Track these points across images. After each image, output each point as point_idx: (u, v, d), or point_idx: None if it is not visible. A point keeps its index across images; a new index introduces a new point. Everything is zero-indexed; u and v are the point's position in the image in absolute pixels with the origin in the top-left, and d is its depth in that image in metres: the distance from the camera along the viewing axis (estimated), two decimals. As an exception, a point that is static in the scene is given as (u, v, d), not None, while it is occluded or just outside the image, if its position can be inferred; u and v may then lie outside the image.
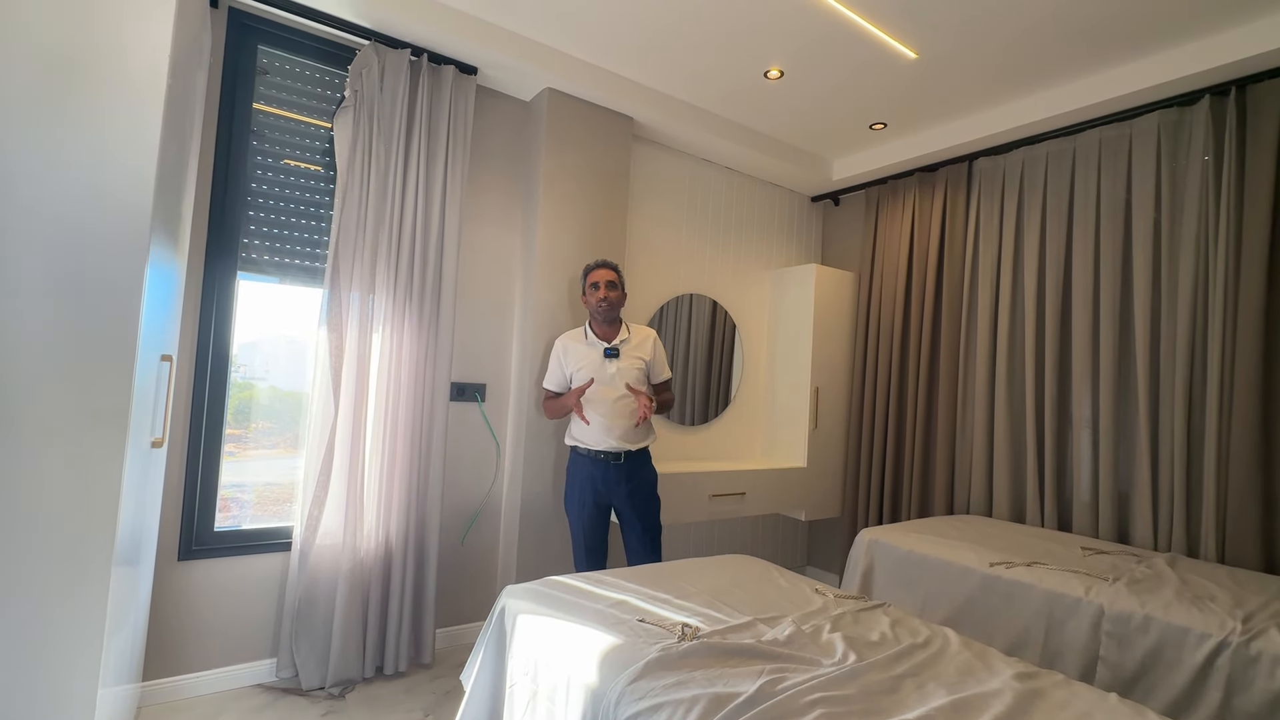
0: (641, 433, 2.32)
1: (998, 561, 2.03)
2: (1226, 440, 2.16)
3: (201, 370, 2.05)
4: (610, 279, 2.32)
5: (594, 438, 2.26)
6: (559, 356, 2.35)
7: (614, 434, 2.25)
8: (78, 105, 1.18)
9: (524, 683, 1.39)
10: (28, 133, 1.14)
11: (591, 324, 2.37)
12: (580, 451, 2.31)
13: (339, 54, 2.27)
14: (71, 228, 1.17)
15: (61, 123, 1.17)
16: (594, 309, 2.32)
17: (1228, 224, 2.19)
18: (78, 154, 1.18)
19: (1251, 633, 1.51)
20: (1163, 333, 2.37)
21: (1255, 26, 2.08)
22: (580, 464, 2.31)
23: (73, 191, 1.17)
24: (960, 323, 3.02)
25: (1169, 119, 2.38)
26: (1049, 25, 2.15)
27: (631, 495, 2.28)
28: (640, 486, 2.31)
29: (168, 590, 1.99)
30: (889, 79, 2.57)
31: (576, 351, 2.31)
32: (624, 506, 2.30)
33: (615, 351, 2.28)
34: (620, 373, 2.27)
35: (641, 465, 2.34)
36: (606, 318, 2.33)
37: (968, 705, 1.10)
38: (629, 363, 2.30)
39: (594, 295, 2.31)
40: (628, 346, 2.33)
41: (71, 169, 1.17)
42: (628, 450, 2.28)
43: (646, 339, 2.39)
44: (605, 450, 2.26)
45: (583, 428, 2.27)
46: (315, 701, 2.04)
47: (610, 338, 2.34)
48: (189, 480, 2.04)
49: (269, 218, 2.19)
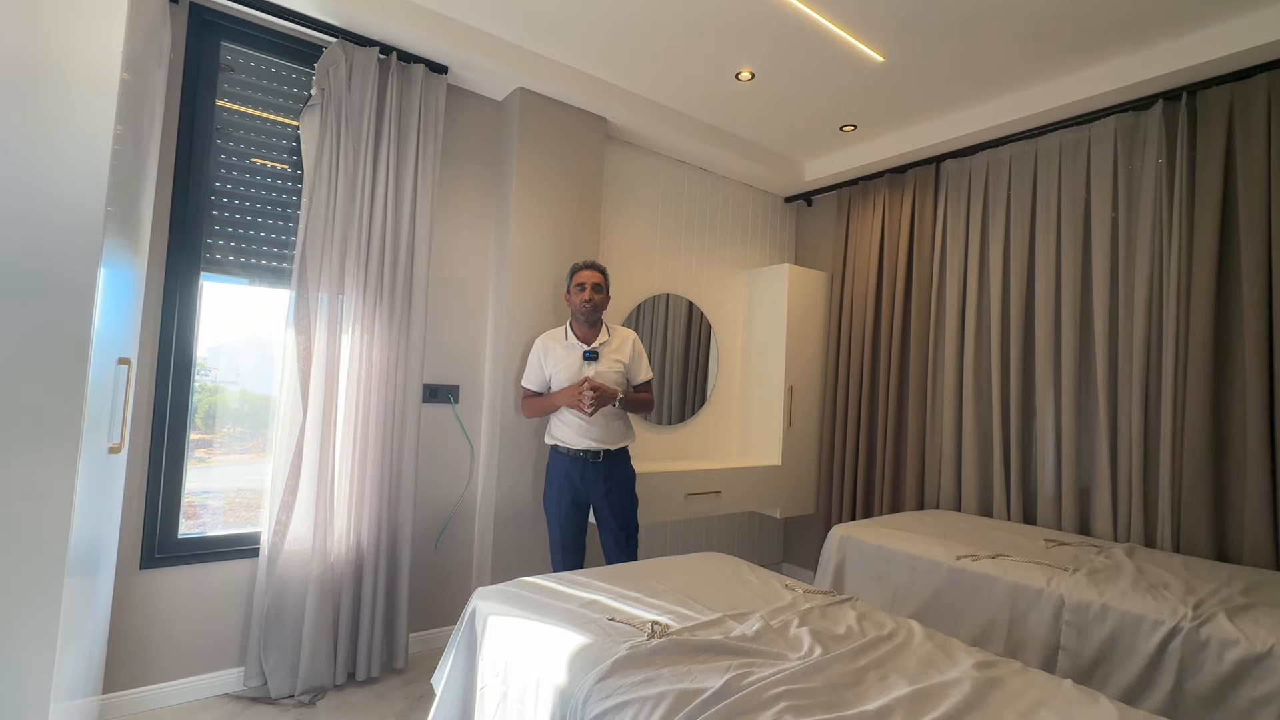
0: (620, 432, 2.34)
1: (964, 555, 2.08)
2: (1181, 435, 2.24)
3: (164, 374, 2.00)
4: (597, 281, 2.34)
5: (573, 437, 2.27)
6: (538, 356, 2.35)
7: (592, 434, 2.27)
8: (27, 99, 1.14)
9: (494, 684, 1.38)
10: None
11: (573, 324, 2.39)
12: (560, 450, 2.31)
13: (305, 51, 2.23)
14: (20, 226, 1.14)
15: (9, 116, 1.13)
16: (577, 309, 2.33)
17: (1180, 224, 2.27)
18: (26, 150, 1.14)
19: (1201, 618, 1.57)
20: (1120, 330, 2.45)
21: (1206, 34, 2.15)
22: (559, 463, 2.31)
23: (20, 189, 1.14)
24: (929, 321, 3.08)
25: (1125, 123, 2.46)
26: (1010, 32, 2.21)
27: (609, 494, 2.30)
28: (618, 485, 2.33)
29: (129, 600, 1.94)
30: (858, 82, 2.61)
31: (556, 353, 2.33)
32: (601, 505, 2.31)
33: (595, 354, 2.31)
34: (599, 376, 2.29)
35: (620, 464, 2.35)
36: (589, 319, 2.35)
37: (927, 695, 1.12)
38: (608, 365, 2.32)
39: (579, 295, 2.32)
40: (607, 349, 2.35)
41: (19, 166, 1.14)
42: (606, 449, 2.29)
43: (626, 340, 2.41)
44: (584, 449, 2.27)
45: (562, 427, 2.29)
46: (284, 710, 2.01)
47: (590, 339, 2.35)
48: (151, 487, 1.99)
49: (234, 217, 2.15)
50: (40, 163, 1.15)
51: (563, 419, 2.30)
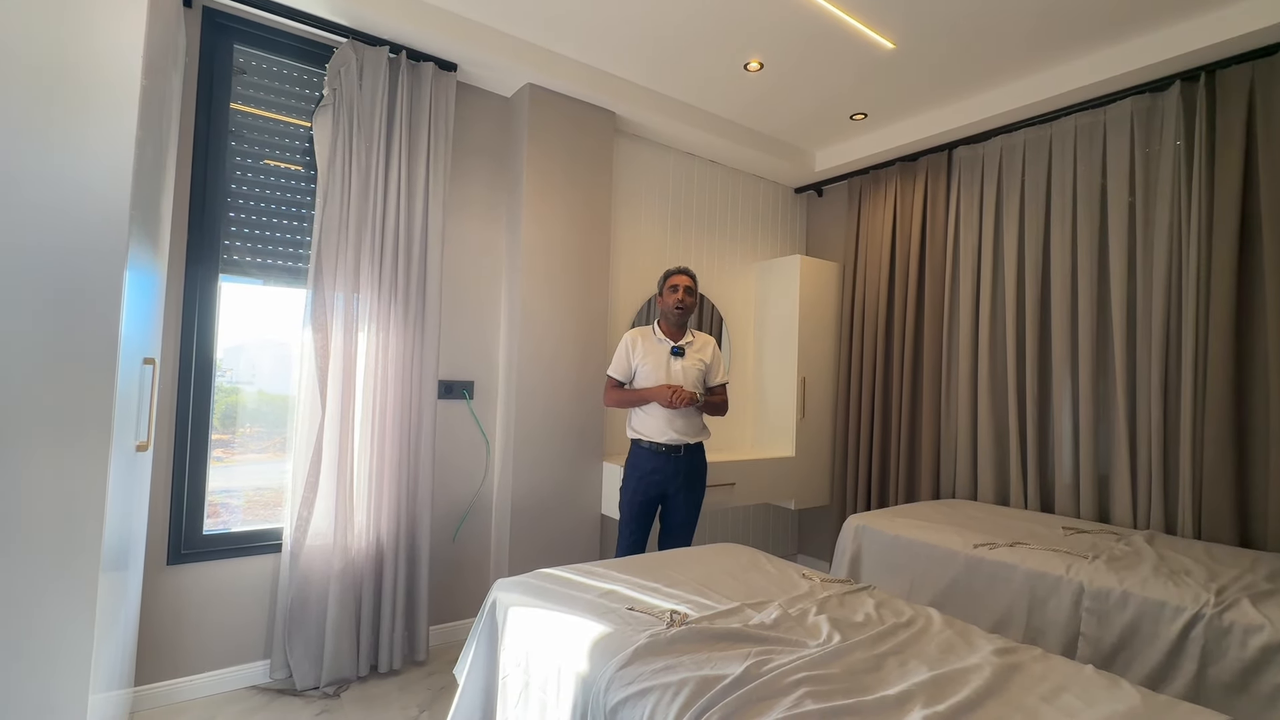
0: (699, 428, 2.44)
1: (981, 543, 2.07)
2: (1201, 420, 2.21)
3: (186, 374, 2.04)
4: (688, 285, 2.44)
5: (656, 430, 2.36)
6: (627, 348, 2.45)
7: (675, 427, 2.36)
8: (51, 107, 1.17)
9: (516, 674, 1.40)
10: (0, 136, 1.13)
11: (660, 323, 2.49)
12: (642, 445, 2.40)
13: (316, 52, 2.25)
14: (49, 231, 1.16)
15: (35, 125, 1.16)
16: (669, 309, 2.44)
17: (1199, 208, 2.24)
18: (53, 156, 1.17)
19: (1224, 605, 1.55)
20: (1138, 316, 2.42)
21: (1223, 14, 2.11)
22: (641, 457, 2.40)
23: (48, 194, 1.16)
24: (943, 310, 3.06)
25: (1141, 105, 2.42)
26: (1022, 13, 2.18)
27: (687, 482, 2.41)
28: (695, 476, 2.44)
29: (158, 595, 1.99)
30: (868, 70, 2.59)
31: (644, 346, 2.44)
32: (677, 492, 2.40)
33: (681, 351, 2.43)
34: (684, 370, 2.40)
35: (698, 457, 2.46)
36: (678, 320, 2.45)
37: (948, 680, 1.13)
38: (691, 362, 2.43)
39: (672, 297, 2.43)
40: (691, 349, 2.47)
41: (47, 171, 1.16)
42: (687, 443, 2.39)
43: (708, 344, 2.52)
44: (666, 443, 2.36)
45: (645, 421, 2.38)
46: (310, 701, 2.05)
47: (677, 338, 2.47)
48: (176, 484, 2.03)
49: (250, 219, 2.18)
50: (65, 169, 1.18)
51: (648, 413, 2.38)
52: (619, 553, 2.44)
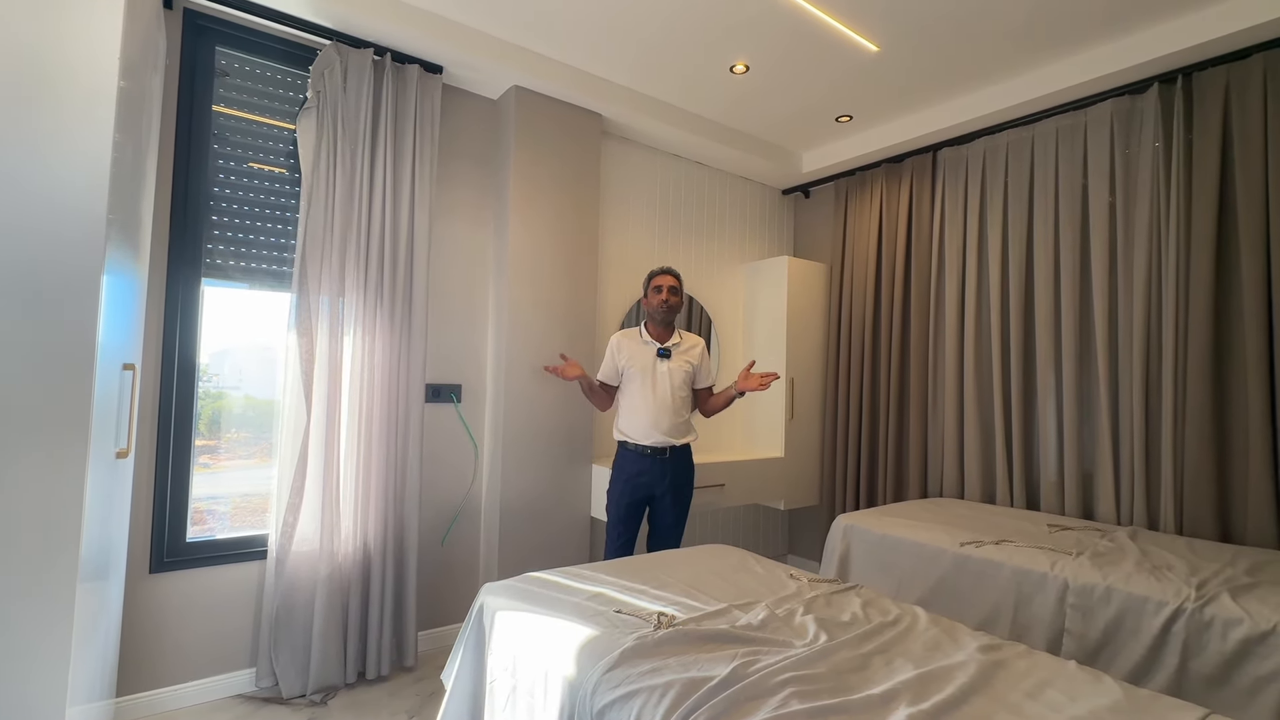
0: (685, 429, 2.43)
1: (968, 541, 2.09)
2: (1182, 417, 2.25)
3: (168, 379, 2.02)
4: (673, 284, 2.43)
5: (642, 432, 2.35)
6: (613, 350, 2.46)
7: (660, 428, 2.35)
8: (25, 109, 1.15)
9: (503, 678, 1.40)
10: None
11: (647, 325, 2.48)
12: (629, 447, 2.39)
13: (300, 54, 2.24)
14: (23, 234, 1.14)
15: (8, 127, 1.14)
16: (654, 309, 2.43)
17: (1178, 207, 2.27)
18: (27, 159, 1.15)
19: (1205, 599, 1.57)
20: (1120, 315, 2.45)
21: (1201, 15, 2.15)
22: (627, 459, 2.39)
23: (22, 198, 1.14)
24: (929, 310, 3.08)
25: (1121, 107, 2.46)
26: (1004, 16, 2.21)
27: (674, 484, 2.39)
28: (682, 478, 2.43)
29: (140, 603, 1.96)
30: (852, 72, 2.61)
31: (630, 347, 2.43)
32: (664, 494, 2.39)
33: (667, 352, 2.42)
34: (670, 372, 2.39)
35: (684, 459, 2.45)
36: (664, 320, 2.44)
37: (933, 678, 1.13)
38: (678, 364, 2.42)
39: (656, 297, 2.42)
40: (679, 350, 2.46)
41: (21, 173, 1.14)
42: (673, 445, 2.38)
43: (695, 346, 2.51)
44: (652, 445, 2.35)
45: (630, 422, 2.38)
46: (297, 709, 2.03)
47: (664, 340, 2.46)
48: (158, 491, 2.00)
49: (233, 222, 2.16)
50: (42, 172, 1.16)
51: (633, 415, 2.37)
52: (608, 555, 2.43)
